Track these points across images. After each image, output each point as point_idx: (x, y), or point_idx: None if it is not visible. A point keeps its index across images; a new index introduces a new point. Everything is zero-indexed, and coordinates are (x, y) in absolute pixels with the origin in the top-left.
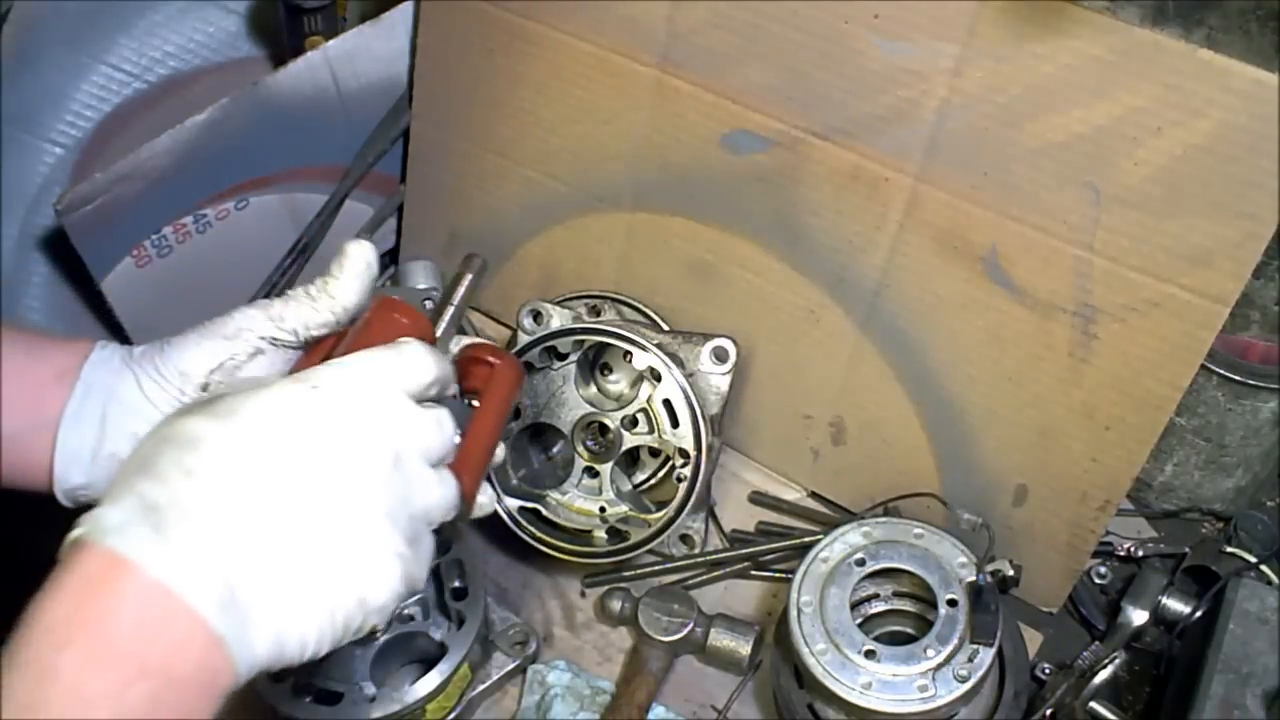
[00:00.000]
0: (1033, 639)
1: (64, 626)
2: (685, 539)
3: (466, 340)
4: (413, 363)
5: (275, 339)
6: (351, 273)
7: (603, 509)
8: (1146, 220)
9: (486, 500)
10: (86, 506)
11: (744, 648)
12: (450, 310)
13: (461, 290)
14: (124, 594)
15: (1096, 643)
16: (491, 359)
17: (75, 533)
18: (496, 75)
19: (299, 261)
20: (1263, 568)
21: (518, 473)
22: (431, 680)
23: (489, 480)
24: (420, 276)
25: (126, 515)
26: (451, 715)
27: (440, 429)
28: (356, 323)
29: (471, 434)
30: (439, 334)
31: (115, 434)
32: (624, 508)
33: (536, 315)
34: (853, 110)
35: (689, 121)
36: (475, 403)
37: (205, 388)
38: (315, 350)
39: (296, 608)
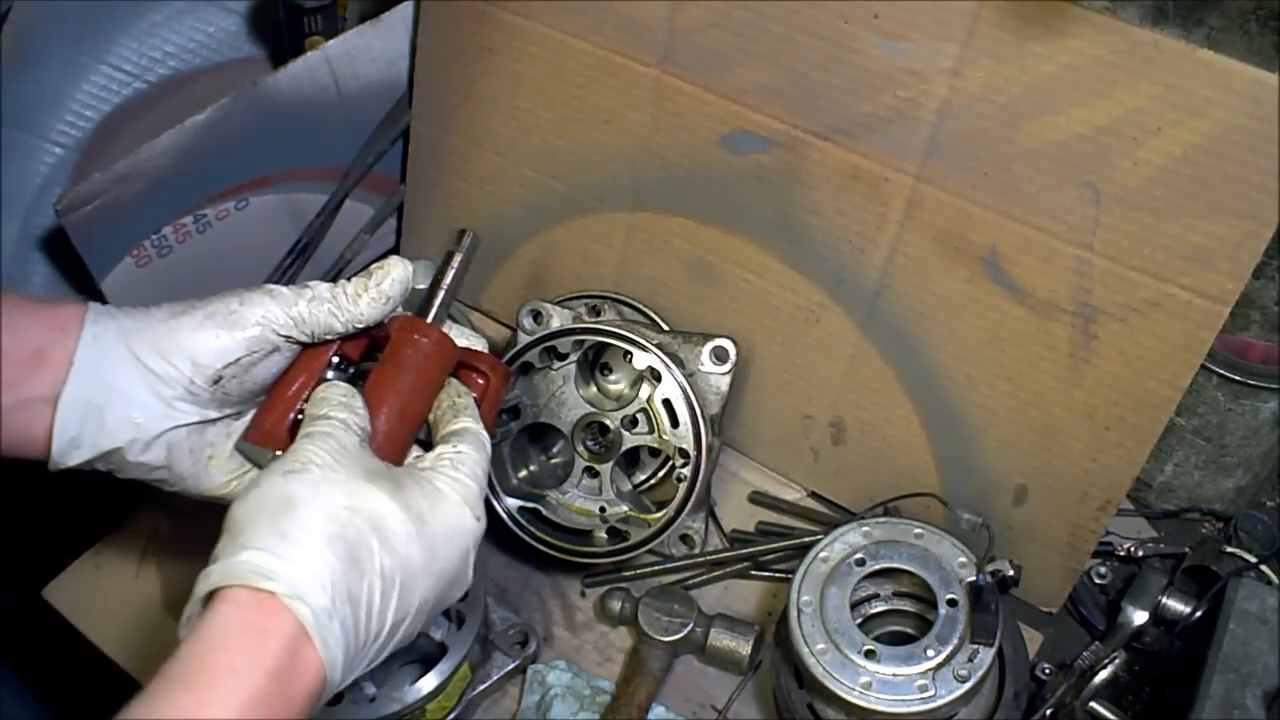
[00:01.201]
0: (1033, 639)
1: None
2: (685, 539)
3: (457, 335)
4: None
5: (291, 338)
6: (386, 292)
7: (603, 509)
8: (1146, 220)
9: None
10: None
11: (744, 648)
12: (440, 294)
13: (451, 273)
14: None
15: (1096, 643)
16: (485, 369)
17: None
18: (496, 75)
19: (299, 261)
20: (1263, 568)
21: (518, 473)
22: (431, 680)
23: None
24: (420, 276)
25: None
26: (451, 715)
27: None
28: (387, 349)
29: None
30: (429, 320)
31: (116, 427)
32: (624, 508)
33: (536, 315)
34: (853, 110)
35: (689, 121)
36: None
37: (218, 380)
38: (314, 353)
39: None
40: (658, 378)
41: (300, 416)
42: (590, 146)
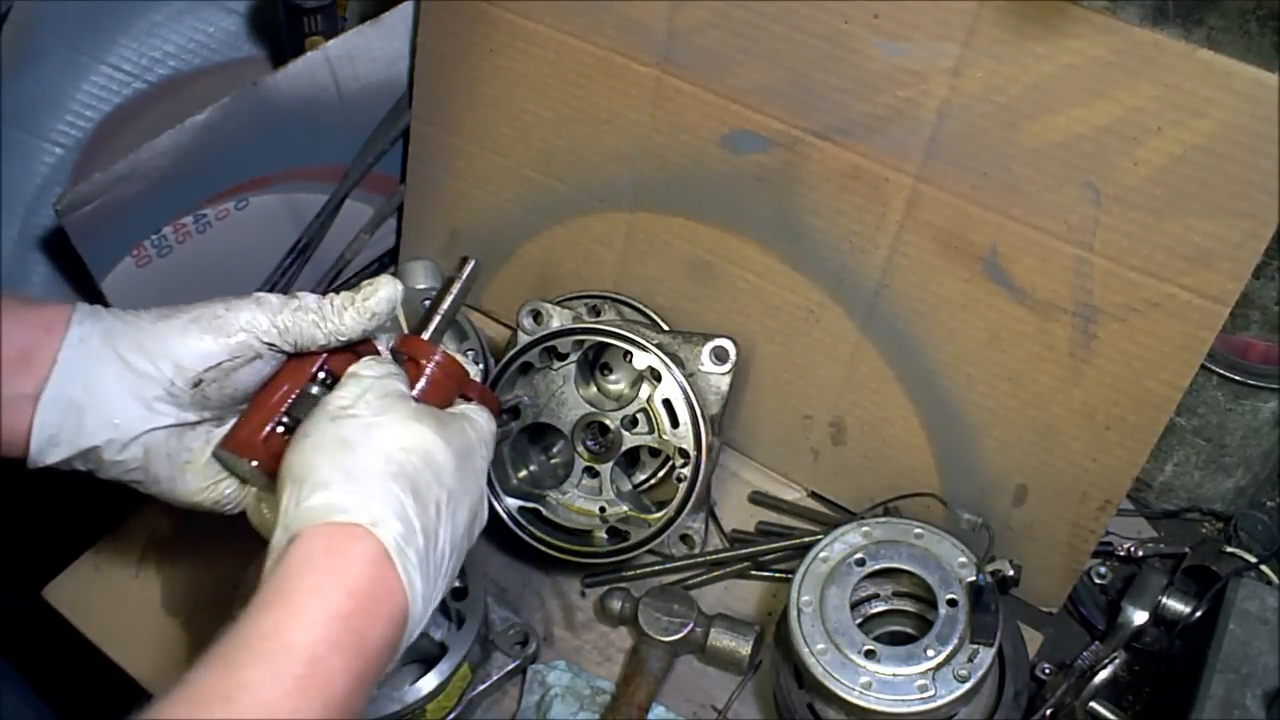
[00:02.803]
0: (1033, 639)
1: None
2: (685, 539)
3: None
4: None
5: (274, 346)
6: (372, 309)
7: (603, 509)
8: (1146, 220)
9: None
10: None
11: (744, 648)
12: (437, 319)
13: (449, 299)
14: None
15: (1096, 643)
16: (471, 396)
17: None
18: (496, 75)
19: (299, 261)
20: (1263, 568)
21: (518, 473)
22: (431, 680)
23: None
24: (420, 276)
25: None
26: (451, 715)
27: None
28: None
29: None
30: (425, 339)
31: (94, 426)
32: (624, 508)
33: (536, 315)
34: (853, 110)
35: (689, 121)
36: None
37: (198, 383)
38: (298, 364)
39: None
40: (658, 378)
41: (280, 428)
42: (590, 146)
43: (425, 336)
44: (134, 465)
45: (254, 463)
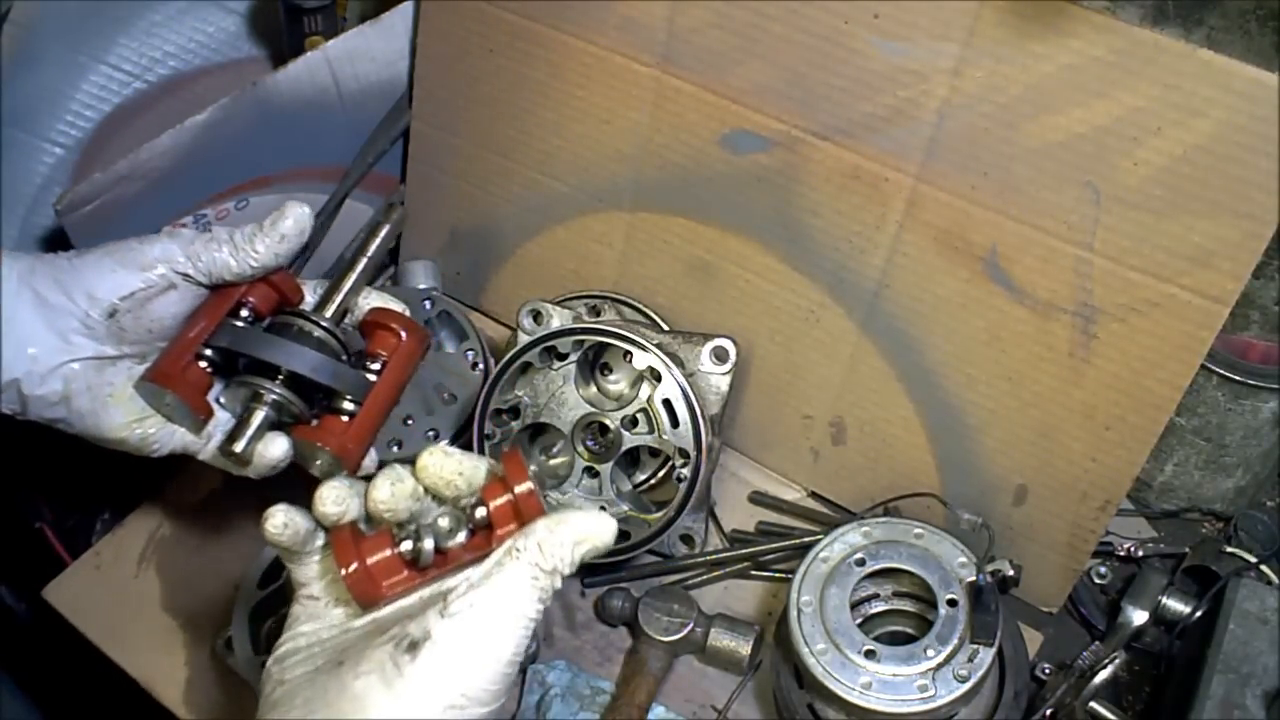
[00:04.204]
0: (1033, 639)
1: None
2: (685, 539)
3: (375, 299)
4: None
5: (188, 276)
6: (279, 234)
7: (603, 509)
8: (1146, 220)
9: (369, 463)
10: None
11: (744, 648)
12: (363, 261)
13: (376, 241)
14: None
15: (1096, 643)
16: (398, 329)
17: None
18: (496, 75)
19: (299, 261)
20: (1263, 568)
21: None
22: None
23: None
24: (420, 276)
25: None
26: None
27: None
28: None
29: (369, 404)
30: (349, 286)
31: (11, 359)
32: (624, 508)
33: (536, 315)
34: (853, 110)
35: (689, 121)
36: (375, 367)
37: (113, 313)
38: (220, 298)
39: None
40: (658, 378)
41: (202, 362)
42: (590, 146)
43: (348, 285)
44: (55, 400)
45: (172, 394)
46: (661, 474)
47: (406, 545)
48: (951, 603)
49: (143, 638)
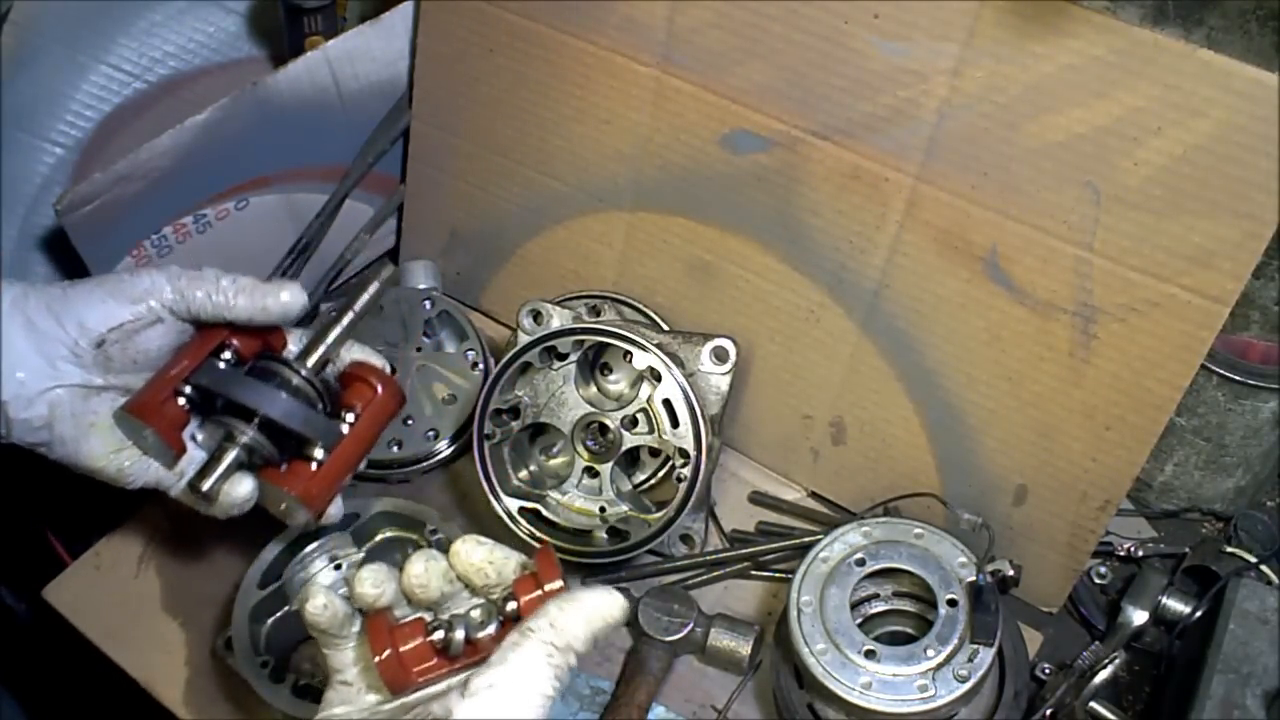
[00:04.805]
0: (1033, 639)
1: None
2: (685, 539)
3: (357, 352)
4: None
5: (174, 312)
6: (263, 304)
7: (603, 509)
8: (1146, 220)
9: (335, 511)
10: None
11: (744, 648)
12: (350, 315)
13: (365, 296)
14: None
15: (1096, 643)
16: (375, 383)
17: None
18: (496, 75)
19: (299, 261)
20: (1263, 568)
21: (518, 473)
22: None
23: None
24: (420, 276)
25: None
26: None
27: None
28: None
29: (338, 454)
30: (333, 337)
31: None
32: (624, 508)
33: (536, 315)
34: (853, 110)
35: (689, 121)
36: (349, 418)
37: (101, 343)
38: (205, 337)
39: None
40: (658, 378)
41: (180, 398)
42: (590, 146)
43: (332, 336)
44: (39, 424)
45: (149, 428)
46: (661, 474)
47: (439, 634)
48: (951, 603)
49: (143, 638)
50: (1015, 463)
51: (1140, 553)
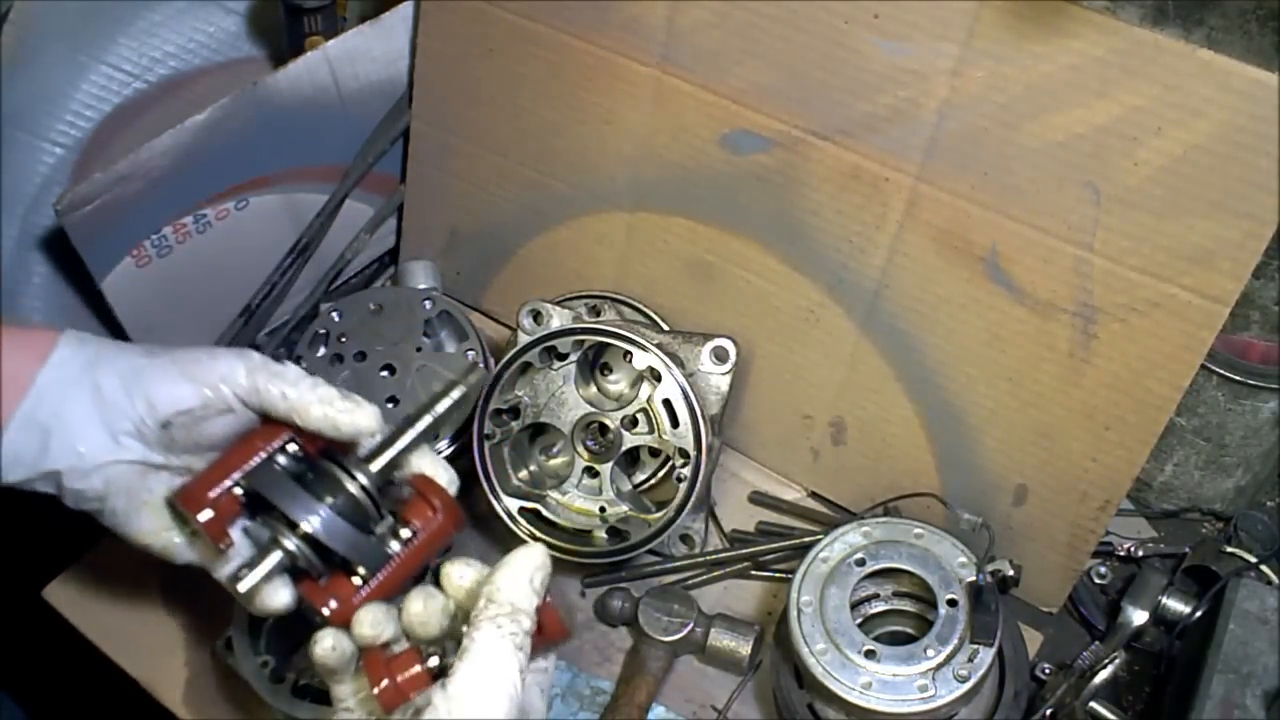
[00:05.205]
0: (1033, 639)
1: None
2: (685, 539)
3: (426, 464)
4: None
5: (246, 404)
6: (335, 421)
7: (603, 509)
8: (1146, 220)
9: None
10: None
11: (744, 648)
12: (427, 419)
13: (448, 402)
14: None
15: (1096, 643)
16: (436, 506)
17: None
18: (496, 75)
19: (299, 261)
20: (1263, 568)
21: (518, 473)
22: None
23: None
24: (420, 276)
25: None
26: None
27: None
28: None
29: (382, 581)
30: (404, 443)
31: (58, 451)
32: (624, 508)
33: (536, 315)
34: (853, 110)
35: (689, 121)
36: (405, 534)
37: (167, 425)
38: (269, 431)
39: None
40: (658, 378)
41: (238, 489)
42: (590, 146)
43: (407, 439)
44: (93, 496)
45: (199, 518)
46: (661, 474)
47: (434, 660)
48: (951, 603)
49: (143, 638)
50: (1015, 463)
51: (1140, 553)
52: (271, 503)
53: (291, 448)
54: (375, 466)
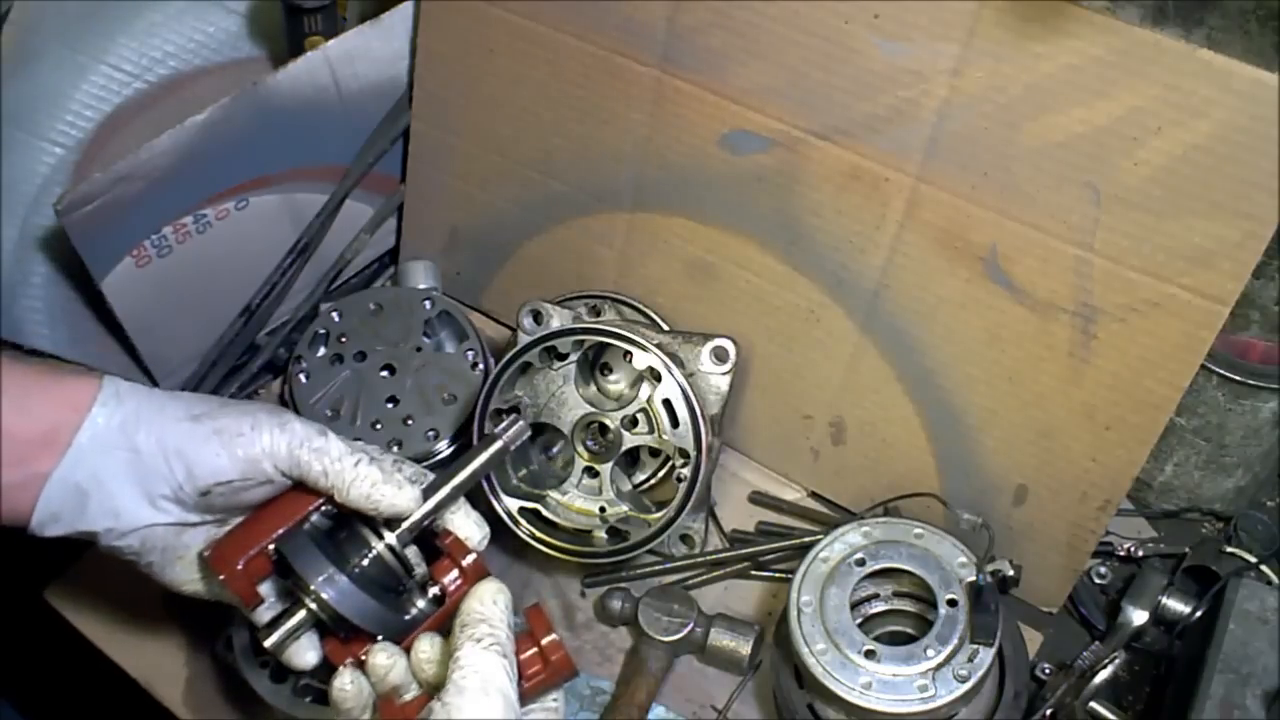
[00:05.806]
0: (1033, 639)
1: None
2: (685, 539)
3: (458, 523)
4: None
5: (286, 474)
6: (376, 504)
7: (603, 509)
8: (1146, 220)
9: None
10: None
11: (744, 648)
12: (462, 475)
13: (484, 457)
14: None
15: (1096, 643)
16: (465, 570)
17: None
18: (496, 75)
19: (299, 261)
20: (1263, 568)
21: (518, 473)
22: None
23: None
24: (420, 276)
25: None
26: None
27: None
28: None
29: (403, 647)
30: (437, 501)
31: (96, 513)
32: (624, 508)
33: (536, 315)
34: (853, 110)
35: (689, 121)
36: (433, 593)
37: (205, 493)
38: (304, 498)
39: None
40: (658, 378)
41: (270, 551)
42: (590, 146)
43: (443, 494)
44: (130, 552)
45: (229, 582)
46: (661, 474)
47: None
48: (951, 603)
49: (143, 638)
50: (1015, 463)
51: (1140, 553)
52: (293, 568)
53: (325, 506)
54: (406, 525)
